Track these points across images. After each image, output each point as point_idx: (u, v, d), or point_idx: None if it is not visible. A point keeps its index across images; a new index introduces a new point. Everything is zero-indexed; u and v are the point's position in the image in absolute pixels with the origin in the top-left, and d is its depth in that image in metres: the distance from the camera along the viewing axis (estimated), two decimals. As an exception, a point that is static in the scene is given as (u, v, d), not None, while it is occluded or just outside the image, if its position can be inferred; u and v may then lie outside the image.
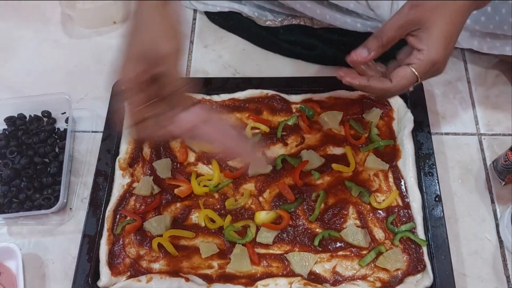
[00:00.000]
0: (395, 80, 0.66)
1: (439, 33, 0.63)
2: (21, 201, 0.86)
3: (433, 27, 0.63)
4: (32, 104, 0.95)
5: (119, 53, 0.63)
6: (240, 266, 0.77)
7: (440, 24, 0.63)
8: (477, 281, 0.78)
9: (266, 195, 0.84)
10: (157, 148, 0.89)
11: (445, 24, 0.63)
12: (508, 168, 0.80)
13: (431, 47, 0.63)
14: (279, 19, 1.00)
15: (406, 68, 0.66)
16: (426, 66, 0.64)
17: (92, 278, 0.77)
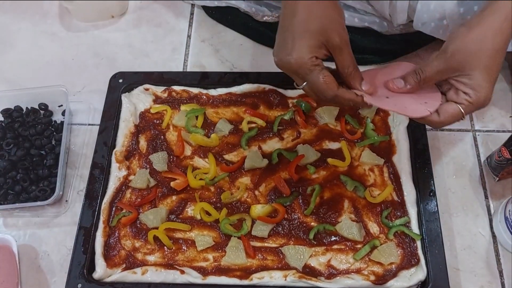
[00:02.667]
0: (443, 116, 0.64)
1: (482, 77, 0.61)
2: (17, 192, 0.86)
3: (476, 73, 0.61)
4: (29, 96, 0.95)
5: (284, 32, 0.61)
6: (236, 259, 0.77)
7: (481, 66, 0.61)
8: (470, 275, 0.79)
9: (262, 188, 0.84)
10: (154, 141, 0.89)
11: (486, 66, 0.61)
12: (502, 164, 0.81)
13: (477, 91, 0.62)
14: (276, 15, 1.00)
15: (455, 106, 0.63)
16: (474, 108, 0.63)
17: (87, 270, 0.77)
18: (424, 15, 0.83)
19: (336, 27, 0.61)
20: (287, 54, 0.60)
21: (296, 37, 0.60)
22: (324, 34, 0.60)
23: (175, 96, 0.93)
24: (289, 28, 0.60)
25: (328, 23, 0.60)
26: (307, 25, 0.59)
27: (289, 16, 0.61)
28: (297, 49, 0.59)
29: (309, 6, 0.60)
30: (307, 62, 0.60)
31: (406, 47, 0.98)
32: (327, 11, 0.60)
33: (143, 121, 0.91)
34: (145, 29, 1.09)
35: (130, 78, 0.95)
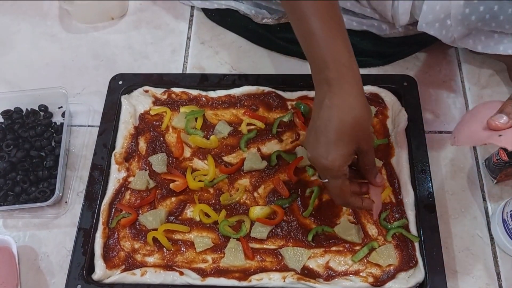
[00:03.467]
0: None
1: None
2: (17, 194, 0.86)
3: None
4: (29, 98, 0.96)
5: (317, 133, 0.64)
6: (234, 260, 0.77)
7: None
8: (468, 277, 0.79)
9: (261, 190, 0.84)
10: (153, 143, 0.89)
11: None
12: (500, 166, 0.81)
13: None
14: (276, 17, 1.00)
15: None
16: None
17: (87, 271, 0.77)
18: (429, 15, 0.83)
19: (365, 136, 0.64)
20: (321, 157, 0.63)
21: (331, 144, 0.62)
22: (356, 143, 0.63)
23: (174, 98, 0.93)
24: (323, 133, 0.63)
25: (360, 133, 0.63)
26: (341, 134, 0.62)
27: (324, 120, 0.63)
28: (332, 155, 0.62)
29: (344, 115, 0.62)
30: (339, 170, 0.63)
31: (405, 49, 0.98)
32: (359, 119, 0.62)
33: (142, 123, 0.92)
34: (145, 31, 1.09)
35: (129, 80, 0.95)
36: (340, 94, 0.62)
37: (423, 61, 1.00)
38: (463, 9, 0.80)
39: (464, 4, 0.79)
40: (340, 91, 0.62)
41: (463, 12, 0.80)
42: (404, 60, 1.00)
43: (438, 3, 0.81)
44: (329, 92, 0.63)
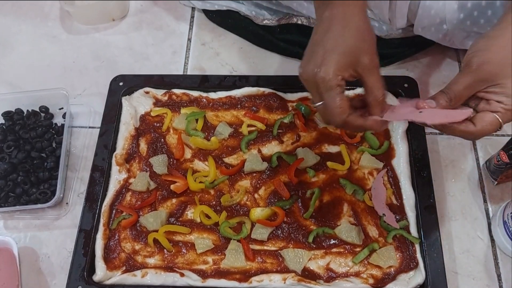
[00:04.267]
0: (480, 125, 0.62)
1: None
2: (18, 195, 0.87)
3: (506, 81, 0.60)
4: (30, 99, 0.96)
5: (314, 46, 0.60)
6: (235, 262, 0.77)
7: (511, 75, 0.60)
8: (469, 279, 0.79)
9: (262, 192, 0.84)
10: (154, 144, 0.89)
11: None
12: (501, 167, 0.81)
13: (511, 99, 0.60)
14: (276, 18, 1.00)
15: (490, 114, 0.62)
16: (510, 115, 0.62)
17: (87, 273, 0.77)
18: (424, 20, 0.83)
19: (367, 49, 0.60)
20: (315, 66, 0.59)
21: (327, 52, 0.59)
22: (355, 54, 0.59)
23: (175, 99, 0.93)
24: (320, 43, 0.60)
25: (360, 43, 0.60)
26: (339, 42, 0.59)
27: (322, 31, 0.60)
28: (326, 63, 0.58)
29: (344, 24, 0.59)
30: (332, 79, 0.59)
31: (405, 50, 0.98)
32: (360, 32, 0.60)
33: (143, 124, 0.92)
34: (146, 32, 1.09)
35: (130, 81, 0.95)
36: (342, 6, 0.60)
37: (423, 62, 1.00)
38: (457, 14, 0.80)
39: (458, 9, 0.80)
40: (342, 3, 0.60)
41: (458, 17, 0.80)
42: (405, 61, 1.00)
43: (433, 8, 0.81)
44: (331, 5, 0.60)
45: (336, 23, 0.59)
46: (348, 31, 0.59)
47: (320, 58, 0.59)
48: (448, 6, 0.80)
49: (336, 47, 0.59)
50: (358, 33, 0.59)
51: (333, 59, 0.58)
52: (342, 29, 0.59)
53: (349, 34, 0.59)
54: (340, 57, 0.58)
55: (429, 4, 0.81)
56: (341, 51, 0.59)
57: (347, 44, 0.59)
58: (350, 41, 0.59)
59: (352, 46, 0.59)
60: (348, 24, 0.59)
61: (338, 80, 0.59)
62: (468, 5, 0.79)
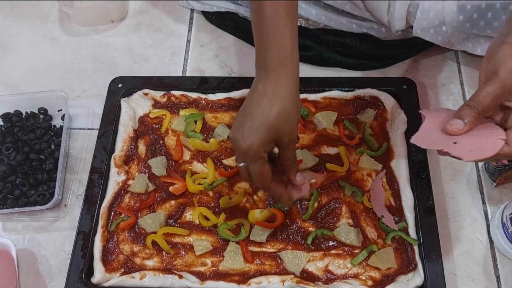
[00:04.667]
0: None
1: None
2: (16, 197, 0.86)
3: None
4: (28, 101, 0.96)
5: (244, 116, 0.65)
6: (234, 263, 0.77)
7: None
8: (468, 280, 0.79)
9: (260, 193, 0.84)
10: (153, 146, 0.89)
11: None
12: (500, 169, 0.81)
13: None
14: (275, 20, 1.00)
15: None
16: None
17: (86, 275, 0.77)
18: (423, 22, 0.84)
19: (289, 129, 0.65)
20: (241, 139, 0.63)
21: (253, 128, 0.63)
22: (278, 133, 0.64)
23: (174, 101, 0.93)
24: (250, 116, 0.64)
25: (284, 124, 0.64)
26: (266, 120, 0.63)
27: (253, 104, 0.64)
28: (251, 139, 0.63)
29: (273, 102, 0.63)
30: (255, 153, 0.63)
31: (404, 52, 0.98)
32: (285, 114, 0.64)
33: (142, 126, 0.92)
34: (145, 34, 1.09)
35: (129, 83, 0.95)
36: (275, 84, 0.64)
37: (422, 64, 1.00)
38: (457, 16, 0.80)
39: (458, 11, 0.80)
40: (275, 80, 0.64)
41: (457, 19, 0.80)
42: (404, 62, 1.00)
43: (432, 10, 0.81)
44: (265, 79, 0.65)
45: (266, 100, 0.64)
46: (274, 111, 0.63)
47: (247, 132, 0.63)
48: (447, 8, 0.80)
49: (262, 126, 0.63)
50: (283, 114, 0.63)
51: (258, 135, 0.63)
52: (269, 108, 0.63)
53: (275, 114, 0.63)
54: (264, 134, 0.63)
55: (428, 6, 0.81)
56: (266, 129, 0.63)
57: (272, 124, 0.63)
58: (274, 122, 0.63)
59: (276, 126, 0.63)
60: (276, 103, 0.63)
61: (261, 153, 0.64)
62: (468, 7, 0.79)
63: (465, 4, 0.79)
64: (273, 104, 0.63)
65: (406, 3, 0.83)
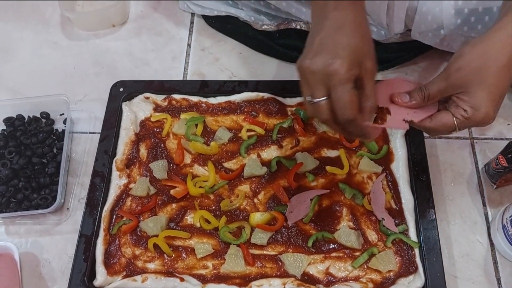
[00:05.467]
0: (434, 122, 0.65)
1: (483, 95, 0.60)
2: (19, 200, 0.87)
3: (477, 91, 0.60)
4: (31, 105, 0.97)
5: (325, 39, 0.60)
6: (235, 266, 0.78)
7: (484, 86, 0.60)
8: (468, 283, 0.79)
9: (261, 196, 0.85)
10: (154, 149, 0.90)
11: (490, 85, 0.60)
12: (500, 171, 0.81)
13: (476, 109, 0.61)
14: (275, 24, 1.01)
15: (449, 116, 0.63)
16: (469, 124, 0.63)
17: (88, 278, 0.78)
18: (421, 25, 0.84)
19: (372, 54, 0.62)
20: (327, 59, 0.58)
21: (341, 47, 0.58)
22: (363, 55, 0.60)
23: (175, 105, 0.94)
24: (333, 38, 0.60)
25: (367, 48, 0.61)
26: (353, 40, 0.59)
27: (332, 28, 0.60)
28: (340, 57, 0.57)
29: (355, 25, 0.61)
30: (346, 73, 0.58)
31: (404, 55, 0.99)
32: (367, 37, 0.62)
33: (143, 130, 0.92)
34: (146, 38, 1.10)
35: (130, 87, 0.96)
36: (353, 11, 0.61)
37: (422, 67, 1.00)
38: (454, 20, 0.81)
39: (455, 15, 0.80)
40: (347, 9, 0.61)
41: (455, 22, 0.81)
42: (403, 65, 1.00)
43: (430, 14, 0.82)
44: (340, 5, 0.61)
45: (347, 23, 0.60)
46: (359, 33, 0.60)
47: (333, 52, 0.58)
48: (445, 12, 0.81)
49: (349, 45, 0.59)
50: (366, 36, 0.61)
51: (347, 54, 0.58)
52: (353, 30, 0.60)
53: (360, 35, 0.60)
54: (353, 54, 0.59)
55: (426, 10, 0.82)
56: (353, 49, 0.59)
57: (358, 44, 0.59)
58: (360, 43, 0.60)
59: (362, 48, 0.60)
60: (358, 27, 0.61)
61: (351, 74, 0.58)
62: (465, 11, 0.80)
63: (463, 8, 0.80)
64: (356, 25, 0.60)
65: (405, 6, 0.84)
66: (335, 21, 0.61)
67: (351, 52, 0.58)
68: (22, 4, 1.17)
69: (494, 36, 0.61)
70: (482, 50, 0.61)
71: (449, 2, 0.80)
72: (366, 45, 0.61)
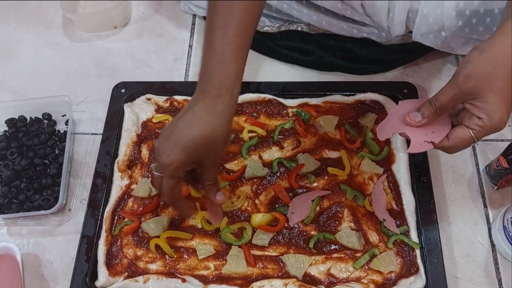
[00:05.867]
0: (453, 141, 0.64)
1: (496, 100, 0.60)
2: (21, 201, 0.87)
3: (490, 96, 0.60)
4: (33, 106, 0.97)
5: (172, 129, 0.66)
6: (236, 267, 0.78)
7: (496, 91, 0.60)
8: (469, 284, 0.79)
9: (262, 197, 0.85)
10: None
11: (501, 89, 0.60)
12: (500, 173, 0.81)
13: (491, 116, 0.61)
14: (277, 25, 1.01)
15: (465, 130, 0.63)
16: (486, 133, 0.63)
17: (90, 278, 0.78)
18: (422, 27, 0.84)
19: (213, 154, 0.67)
20: (164, 153, 0.65)
21: (178, 147, 0.64)
22: (201, 156, 0.66)
23: (176, 106, 0.94)
24: (178, 134, 0.65)
25: (209, 150, 0.66)
26: (192, 143, 0.65)
27: (185, 123, 0.66)
28: (173, 156, 0.65)
29: (203, 126, 0.65)
30: (174, 171, 0.66)
31: (405, 56, 0.99)
32: (214, 139, 0.66)
33: (145, 131, 0.92)
34: (147, 39, 1.10)
35: (132, 88, 0.96)
36: (210, 110, 0.65)
37: (423, 68, 1.01)
38: (455, 22, 0.81)
39: (457, 17, 0.80)
40: (212, 107, 0.65)
41: (456, 24, 0.81)
42: (404, 67, 1.00)
43: (431, 15, 0.82)
44: (202, 102, 0.66)
45: (197, 123, 0.65)
46: (202, 137, 0.64)
47: (171, 148, 0.65)
48: (446, 14, 0.81)
49: (187, 146, 0.64)
50: (210, 141, 0.65)
51: (181, 155, 0.64)
52: (198, 133, 0.65)
53: (202, 139, 0.64)
54: (187, 155, 0.65)
55: (427, 12, 0.82)
56: (190, 151, 0.65)
57: (198, 148, 0.65)
58: (200, 146, 0.65)
59: (201, 150, 0.65)
60: (205, 129, 0.64)
61: (180, 173, 0.66)
62: (466, 13, 0.80)
63: (464, 10, 0.80)
64: (203, 129, 0.64)
65: (406, 8, 0.84)
66: (192, 114, 0.66)
67: (189, 153, 0.65)
68: (24, 5, 1.17)
69: (501, 40, 0.61)
70: (490, 56, 0.60)
71: (450, 4, 0.80)
72: (210, 145, 0.65)
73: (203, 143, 0.65)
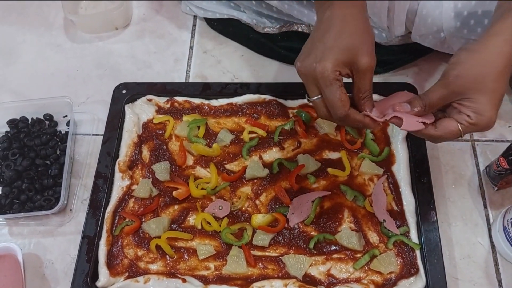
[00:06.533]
0: (440, 130, 0.64)
1: (486, 100, 0.61)
2: (22, 202, 0.88)
3: (479, 97, 0.61)
4: (34, 107, 0.97)
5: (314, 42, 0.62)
6: (236, 268, 0.78)
7: (486, 92, 0.60)
8: (469, 284, 0.79)
9: (263, 198, 0.85)
10: (156, 151, 0.90)
11: (490, 90, 0.61)
12: (501, 173, 0.82)
13: (480, 114, 0.61)
14: (277, 26, 1.02)
15: (454, 123, 0.63)
16: (473, 130, 0.63)
17: (91, 279, 0.78)
18: (421, 28, 0.84)
19: (366, 50, 0.62)
20: (314, 61, 0.61)
21: (327, 48, 0.61)
22: (354, 53, 0.61)
23: (177, 107, 0.94)
24: (321, 40, 0.62)
25: (359, 44, 0.61)
26: (339, 40, 0.61)
27: (323, 30, 0.63)
28: (325, 59, 0.60)
29: (344, 24, 0.62)
30: (330, 74, 0.60)
31: (405, 57, 0.99)
32: (359, 33, 0.62)
33: (146, 132, 0.93)
34: (148, 41, 1.11)
35: (133, 89, 0.96)
36: (344, 7, 0.62)
37: (423, 69, 1.01)
38: (454, 23, 0.81)
39: (455, 18, 0.80)
40: (344, 5, 0.62)
41: (455, 25, 0.81)
42: (404, 67, 1.01)
43: (430, 16, 0.82)
44: (332, 6, 0.62)
45: (336, 23, 0.62)
46: (347, 31, 0.61)
47: (320, 54, 0.61)
48: (444, 15, 0.81)
49: (336, 45, 0.61)
50: (356, 33, 0.61)
51: (332, 55, 0.60)
52: (341, 29, 0.61)
53: (348, 34, 0.61)
54: (339, 54, 0.60)
55: (426, 13, 0.82)
56: (340, 48, 0.61)
57: (346, 43, 0.61)
58: (348, 41, 0.61)
59: (351, 45, 0.61)
60: (347, 25, 0.61)
61: (336, 75, 0.61)
62: (465, 14, 0.80)
63: (462, 11, 0.80)
64: (345, 25, 0.61)
65: (405, 9, 0.84)
66: (327, 22, 0.63)
67: (339, 53, 0.60)
68: (26, 7, 1.18)
69: (490, 41, 0.61)
70: (479, 57, 0.61)
71: (449, 5, 0.80)
72: (358, 42, 0.61)
73: (352, 35, 0.60)
